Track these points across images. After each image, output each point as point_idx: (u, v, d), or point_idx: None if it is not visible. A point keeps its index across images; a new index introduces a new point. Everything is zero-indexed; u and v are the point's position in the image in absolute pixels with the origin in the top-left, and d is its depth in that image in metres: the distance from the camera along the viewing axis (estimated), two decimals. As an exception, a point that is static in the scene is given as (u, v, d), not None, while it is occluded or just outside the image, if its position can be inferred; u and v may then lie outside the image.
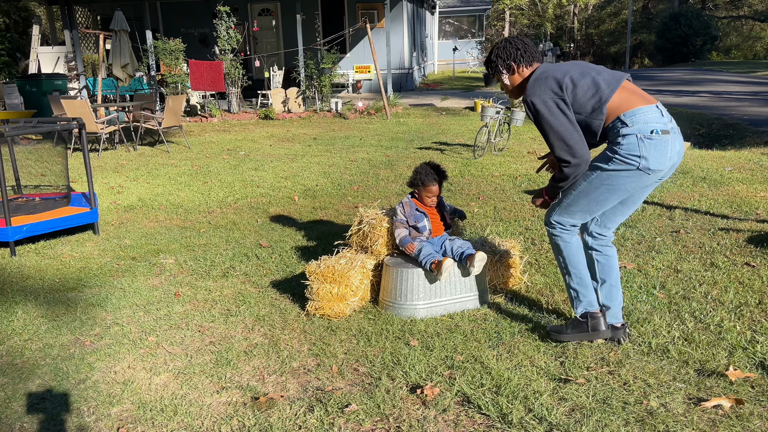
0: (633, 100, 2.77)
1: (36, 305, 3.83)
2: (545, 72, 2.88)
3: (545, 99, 2.80)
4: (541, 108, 2.81)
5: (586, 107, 2.80)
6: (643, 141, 2.71)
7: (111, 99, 13.81)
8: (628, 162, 2.74)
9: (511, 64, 2.98)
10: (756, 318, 3.27)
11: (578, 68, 2.87)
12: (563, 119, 2.79)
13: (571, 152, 2.78)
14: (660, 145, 2.72)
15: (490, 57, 3.05)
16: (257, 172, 7.82)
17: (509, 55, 2.97)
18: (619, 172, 2.78)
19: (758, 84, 17.88)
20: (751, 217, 5.05)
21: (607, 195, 2.87)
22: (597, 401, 2.58)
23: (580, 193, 2.91)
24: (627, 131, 2.73)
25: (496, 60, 3.01)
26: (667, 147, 2.74)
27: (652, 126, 2.72)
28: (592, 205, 2.92)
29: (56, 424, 2.61)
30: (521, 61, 2.96)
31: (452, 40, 29.08)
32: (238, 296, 3.88)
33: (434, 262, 3.38)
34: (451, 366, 2.92)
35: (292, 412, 2.61)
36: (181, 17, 18.33)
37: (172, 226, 5.57)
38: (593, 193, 2.88)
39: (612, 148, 2.79)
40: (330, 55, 14.17)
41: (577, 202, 2.94)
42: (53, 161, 8.62)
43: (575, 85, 2.80)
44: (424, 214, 3.63)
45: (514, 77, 3.01)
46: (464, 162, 7.99)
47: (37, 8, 22.46)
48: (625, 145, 2.73)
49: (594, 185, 2.86)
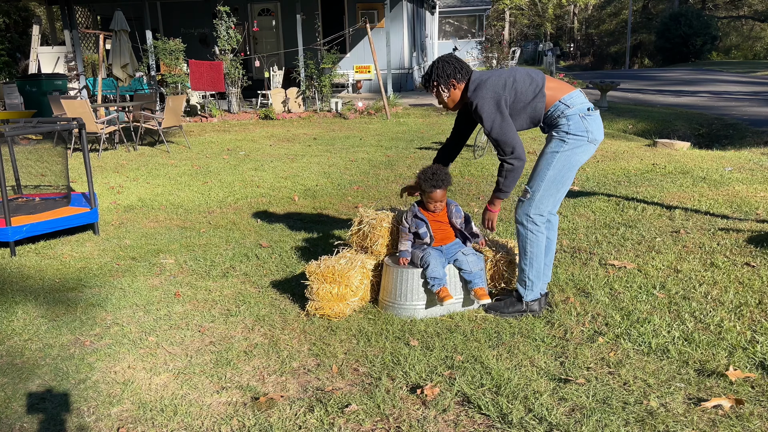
0: (564, 87, 3.22)
1: (36, 305, 3.83)
2: (483, 78, 3.24)
3: (493, 98, 3.17)
4: (490, 107, 3.16)
5: (528, 94, 3.19)
6: (584, 118, 3.16)
7: (111, 99, 13.81)
8: (579, 137, 3.16)
9: (450, 81, 3.30)
10: (756, 318, 3.27)
11: (507, 70, 3.28)
12: (507, 117, 3.18)
13: (516, 153, 3.17)
14: (596, 119, 3.22)
15: (429, 78, 3.35)
16: (257, 172, 7.82)
17: (448, 75, 3.28)
18: (574, 149, 3.18)
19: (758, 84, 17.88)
20: (751, 217, 5.05)
21: (570, 174, 3.24)
22: (597, 401, 2.58)
23: (549, 182, 3.22)
24: (570, 112, 3.15)
25: (437, 80, 3.31)
26: (600, 121, 3.25)
27: (586, 105, 3.20)
28: (561, 189, 3.27)
29: (56, 424, 2.61)
30: (459, 77, 3.29)
31: (452, 40, 29.09)
32: (238, 296, 3.88)
33: (441, 290, 3.37)
34: (451, 366, 2.92)
35: (292, 412, 2.61)
36: (181, 17, 18.33)
37: (172, 226, 5.57)
38: (560, 177, 3.22)
39: (559, 130, 3.18)
40: (330, 55, 14.17)
41: (549, 191, 3.24)
42: (53, 161, 8.62)
43: (515, 80, 3.20)
44: (423, 220, 3.54)
45: (454, 92, 3.34)
46: (464, 162, 7.99)
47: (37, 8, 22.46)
48: (572, 124, 3.15)
49: (558, 169, 3.20)
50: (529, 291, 3.36)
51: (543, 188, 3.23)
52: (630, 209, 5.45)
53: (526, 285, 3.36)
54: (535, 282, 3.35)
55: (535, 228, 3.29)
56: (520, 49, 30.03)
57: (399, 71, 18.21)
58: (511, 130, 3.18)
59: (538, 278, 3.35)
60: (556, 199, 3.28)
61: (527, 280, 3.35)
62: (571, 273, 4.00)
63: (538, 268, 3.33)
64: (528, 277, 3.35)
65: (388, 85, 15.24)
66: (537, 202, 3.26)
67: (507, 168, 3.21)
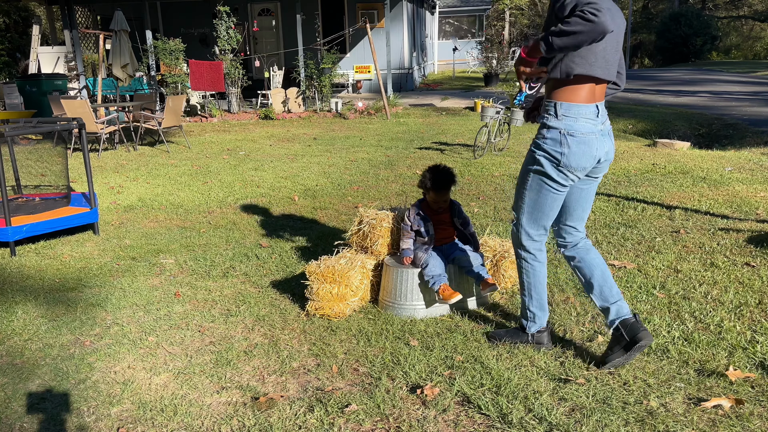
0: (592, 93, 2.68)
1: (36, 305, 3.83)
2: None
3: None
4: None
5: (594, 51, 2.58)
6: (567, 137, 2.72)
7: (111, 99, 13.81)
8: (550, 158, 2.79)
9: None
10: (756, 318, 3.27)
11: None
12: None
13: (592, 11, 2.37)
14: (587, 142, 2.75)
15: None
16: (257, 172, 7.82)
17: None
18: (546, 171, 2.84)
19: (758, 84, 17.88)
20: (751, 217, 5.05)
21: (547, 202, 2.92)
22: (597, 401, 2.58)
23: (531, 206, 2.90)
24: (555, 124, 2.72)
25: None
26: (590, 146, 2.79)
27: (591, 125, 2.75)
28: (546, 215, 2.94)
29: (56, 424, 2.61)
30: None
31: (452, 40, 29.07)
32: (238, 296, 3.88)
33: (441, 288, 3.36)
34: (451, 366, 2.92)
35: (292, 412, 2.61)
36: (181, 17, 18.33)
37: (172, 226, 5.57)
38: (540, 202, 2.91)
39: (535, 139, 2.80)
40: (330, 55, 14.16)
41: (533, 216, 2.92)
42: (53, 161, 8.62)
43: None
44: (426, 219, 3.57)
45: None
46: (464, 162, 7.99)
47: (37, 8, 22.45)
48: (549, 139, 2.74)
49: (536, 192, 2.88)
50: (531, 323, 3.06)
51: (526, 212, 2.90)
52: (630, 209, 5.45)
53: (528, 317, 3.06)
54: (538, 314, 3.04)
55: (529, 256, 2.97)
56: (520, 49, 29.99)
57: (399, 71, 18.21)
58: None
59: (541, 309, 3.03)
60: (543, 225, 2.92)
61: (528, 311, 3.05)
62: (571, 273, 4.00)
63: (539, 299, 3.02)
64: (529, 308, 3.04)
65: (388, 85, 15.24)
66: (524, 228, 2.93)
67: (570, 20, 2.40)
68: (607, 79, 2.69)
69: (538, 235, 2.93)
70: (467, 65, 27.67)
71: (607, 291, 2.88)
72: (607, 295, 2.88)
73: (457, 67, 26.88)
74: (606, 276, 2.90)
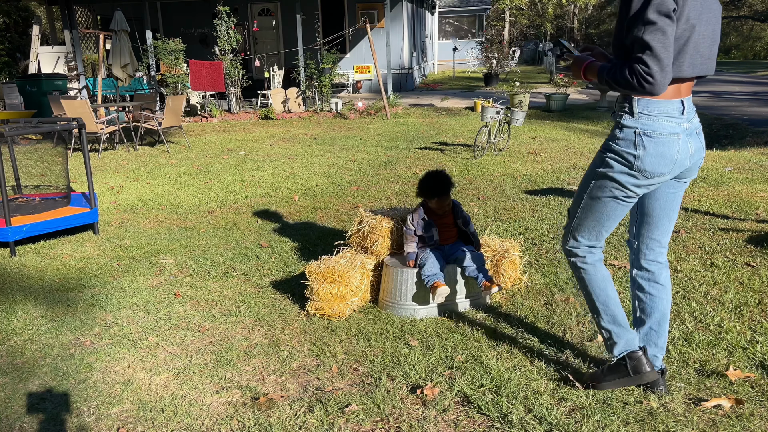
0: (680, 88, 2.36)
1: (36, 305, 3.83)
2: None
3: None
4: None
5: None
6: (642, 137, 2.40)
7: (111, 99, 13.81)
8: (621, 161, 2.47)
9: None
10: (756, 318, 3.27)
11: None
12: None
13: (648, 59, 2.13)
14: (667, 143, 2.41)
15: None
16: (257, 172, 7.82)
17: None
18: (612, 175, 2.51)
19: (758, 84, 17.88)
20: (751, 217, 5.05)
21: (605, 209, 2.55)
22: (597, 401, 2.58)
23: (585, 209, 2.55)
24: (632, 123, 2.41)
25: None
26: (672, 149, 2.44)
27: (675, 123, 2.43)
28: (602, 223, 2.57)
29: (56, 424, 2.61)
30: None
31: (452, 40, 29.07)
32: (238, 296, 3.88)
33: (434, 285, 3.37)
34: (451, 366, 2.92)
35: (292, 412, 2.61)
36: (181, 17, 18.33)
37: (172, 226, 5.57)
38: (596, 208, 2.55)
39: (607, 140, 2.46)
40: (330, 55, 14.16)
41: (586, 220, 2.57)
42: (53, 161, 8.62)
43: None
44: (431, 223, 3.56)
45: None
46: (464, 162, 7.99)
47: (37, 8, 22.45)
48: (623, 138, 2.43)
49: (593, 197, 2.53)
50: (611, 343, 2.60)
51: (581, 218, 2.55)
52: (630, 209, 5.45)
53: (605, 337, 2.62)
54: (614, 330, 2.56)
55: (578, 260, 2.60)
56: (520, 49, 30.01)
57: (399, 71, 18.21)
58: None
59: (616, 323, 2.56)
60: (598, 236, 2.55)
61: (603, 330, 2.61)
62: (571, 273, 4.00)
63: (606, 310, 2.56)
64: (602, 326, 2.60)
65: (388, 85, 15.24)
66: (573, 233, 2.59)
67: (627, 70, 2.18)
68: (699, 76, 2.35)
69: (587, 241, 2.58)
70: (467, 65, 27.67)
71: (654, 337, 2.62)
72: (653, 340, 2.63)
73: (457, 67, 26.88)
74: (663, 322, 2.62)
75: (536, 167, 7.50)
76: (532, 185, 6.60)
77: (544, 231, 4.93)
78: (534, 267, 4.16)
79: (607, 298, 2.57)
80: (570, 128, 10.81)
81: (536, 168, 7.45)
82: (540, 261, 4.27)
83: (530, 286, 3.83)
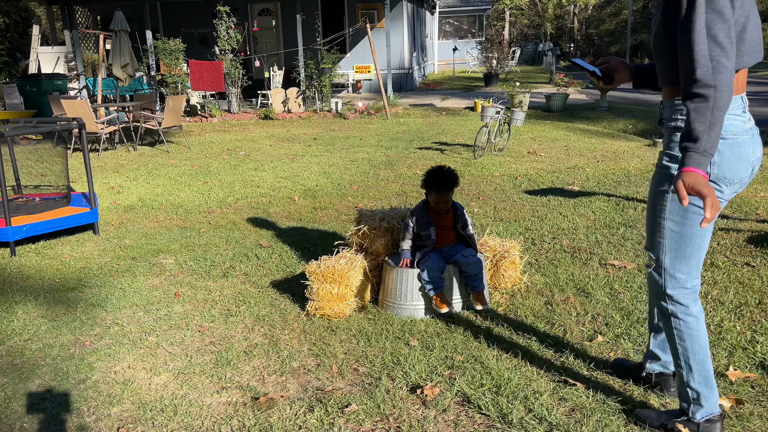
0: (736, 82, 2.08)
1: (36, 305, 3.83)
2: None
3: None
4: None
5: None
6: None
7: (111, 99, 13.81)
8: None
9: None
10: (756, 318, 3.27)
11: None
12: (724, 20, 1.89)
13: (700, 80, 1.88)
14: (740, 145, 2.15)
15: None
16: (257, 172, 7.82)
17: None
18: None
19: (758, 84, 17.89)
20: (751, 217, 5.05)
21: (695, 227, 2.19)
22: (597, 401, 2.58)
23: (671, 238, 2.20)
24: None
25: None
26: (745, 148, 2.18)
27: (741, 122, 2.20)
28: (693, 246, 2.21)
29: (56, 424, 2.61)
30: None
31: (452, 40, 29.08)
32: (238, 296, 3.88)
33: (436, 297, 3.37)
34: (451, 366, 2.92)
35: (292, 412, 2.61)
36: (181, 17, 18.33)
37: (172, 226, 5.57)
38: (684, 229, 2.20)
39: (666, 150, 2.18)
40: (330, 55, 14.16)
41: (678, 251, 2.21)
42: (53, 161, 8.62)
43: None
44: (430, 222, 3.56)
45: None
46: (464, 162, 7.99)
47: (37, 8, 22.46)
48: None
49: (676, 217, 2.19)
50: (696, 406, 2.25)
51: (669, 249, 2.19)
52: (630, 209, 5.45)
53: (690, 398, 2.26)
54: (703, 392, 2.22)
55: (680, 310, 2.22)
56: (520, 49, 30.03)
57: (399, 71, 18.21)
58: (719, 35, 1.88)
59: (707, 385, 2.23)
60: (695, 263, 2.19)
61: (690, 390, 2.25)
62: (571, 273, 4.00)
63: (701, 370, 2.22)
64: (689, 385, 2.24)
65: (388, 85, 15.24)
66: (669, 272, 2.21)
67: (690, 106, 1.90)
68: (754, 63, 2.07)
69: (688, 280, 2.20)
70: (467, 65, 27.67)
71: None
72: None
73: (457, 67, 26.88)
74: None
75: (536, 167, 7.50)
76: (532, 185, 6.60)
77: (544, 231, 4.93)
78: (534, 267, 4.16)
79: (705, 356, 2.23)
80: (570, 128, 10.80)
81: (536, 168, 7.46)
82: (540, 261, 4.27)
83: (530, 286, 3.83)
